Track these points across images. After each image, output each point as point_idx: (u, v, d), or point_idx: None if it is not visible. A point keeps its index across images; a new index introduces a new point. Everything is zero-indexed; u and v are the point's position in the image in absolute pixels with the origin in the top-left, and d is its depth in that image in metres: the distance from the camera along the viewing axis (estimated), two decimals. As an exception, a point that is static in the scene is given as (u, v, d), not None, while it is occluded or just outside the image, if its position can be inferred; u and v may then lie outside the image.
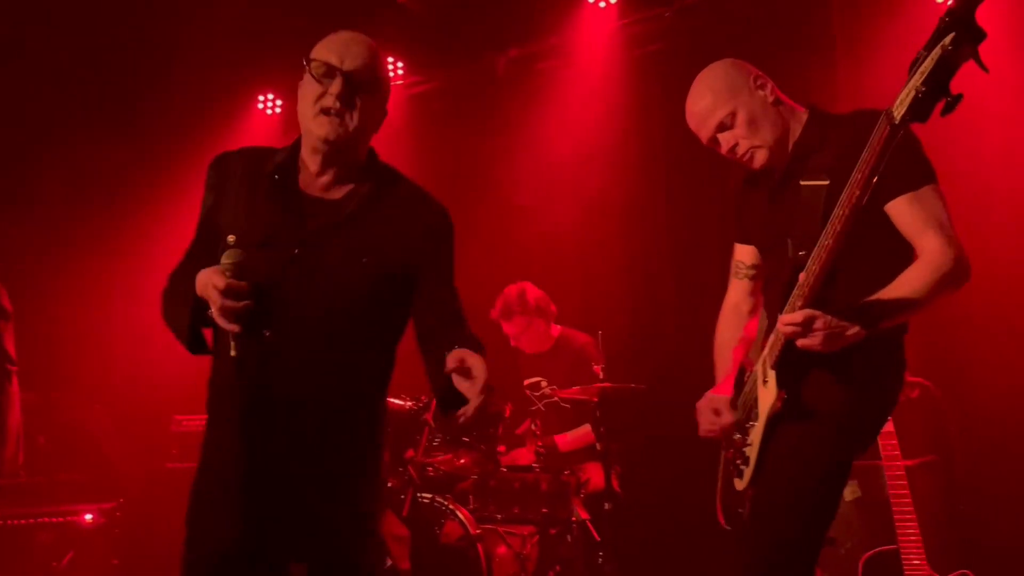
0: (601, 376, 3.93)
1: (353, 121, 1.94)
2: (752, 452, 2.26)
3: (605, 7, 5.22)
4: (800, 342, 2.02)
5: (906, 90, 1.72)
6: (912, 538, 3.20)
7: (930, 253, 2.11)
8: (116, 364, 5.40)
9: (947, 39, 1.63)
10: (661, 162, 5.17)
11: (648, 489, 4.48)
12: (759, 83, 2.35)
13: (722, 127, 2.33)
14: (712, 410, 2.40)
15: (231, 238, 1.80)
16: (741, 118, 2.30)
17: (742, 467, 2.31)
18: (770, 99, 2.34)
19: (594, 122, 5.30)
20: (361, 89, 1.95)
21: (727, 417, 2.36)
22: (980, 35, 1.62)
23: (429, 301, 2.02)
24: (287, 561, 1.94)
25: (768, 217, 2.40)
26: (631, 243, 5.28)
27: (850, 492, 3.64)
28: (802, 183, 2.18)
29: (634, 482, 4.34)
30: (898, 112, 1.74)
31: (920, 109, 1.69)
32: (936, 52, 1.65)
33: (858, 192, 1.90)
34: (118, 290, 5.38)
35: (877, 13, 4.30)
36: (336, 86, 1.92)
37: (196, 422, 4.87)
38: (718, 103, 2.32)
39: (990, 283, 4.06)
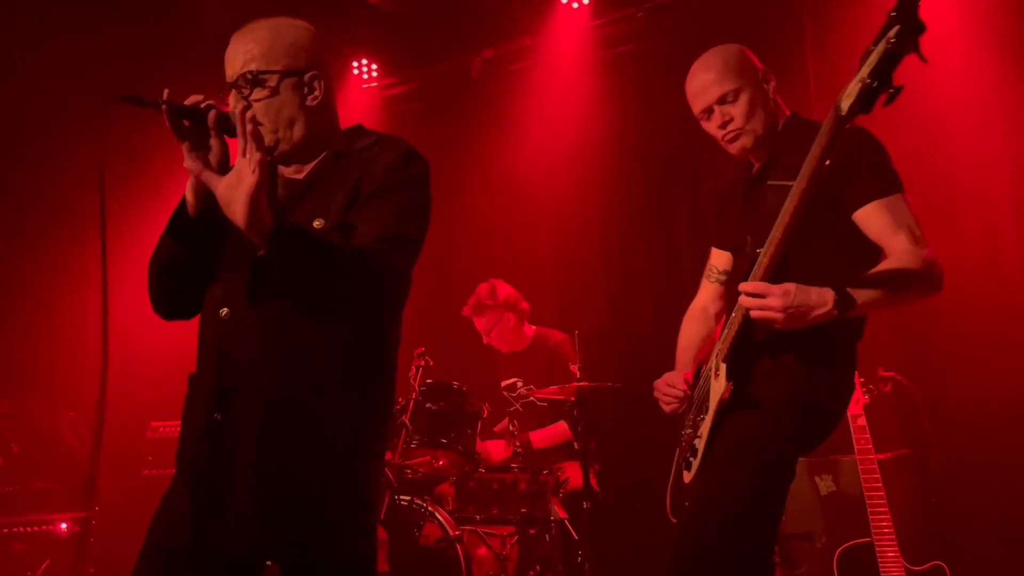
0: (578, 375, 3.94)
1: (267, 123, 1.84)
2: (700, 444, 2.27)
3: (578, 8, 5.24)
4: (758, 314, 2.02)
5: (854, 82, 1.78)
6: (886, 531, 3.23)
7: (903, 252, 2.11)
8: (91, 370, 5.34)
9: (891, 33, 1.70)
10: (635, 162, 5.21)
11: (627, 487, 4.49)
12: (766, 77, 2.39)
13: (723, 100, 2.34)
14: (667, 383, 2.46)
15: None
16: (744, 98, 2.32)
17: (691, 459, 2.32)
18: (771, 95, 2.38)
19: (568, 122, 5.32)
20: (251, 89, 1.83)
21: (681, 385, 2.41)
22: (920, 28, 1.68)
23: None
24: (252, 558, 1.80)
25: (740, 217, 2.43)
26: (606, 242, 5.30)
27: (824, 486, 3.68)
28: (769, 183, 2.22)
29: (612, 481, 4.35)
30: (845, 104, 1.80)
31: (866, 100, 1.75)
32: (881, 46, 1.71)
33: (805, 184, 1.94)
34: (92, 295, 5.32)
35: (848, 13, 4.34)
36: (232, 100, 1.84)
37: (172, 428, 4.83)
38: (728, 75, 2.33)
39: (962, 278, 4.13)
